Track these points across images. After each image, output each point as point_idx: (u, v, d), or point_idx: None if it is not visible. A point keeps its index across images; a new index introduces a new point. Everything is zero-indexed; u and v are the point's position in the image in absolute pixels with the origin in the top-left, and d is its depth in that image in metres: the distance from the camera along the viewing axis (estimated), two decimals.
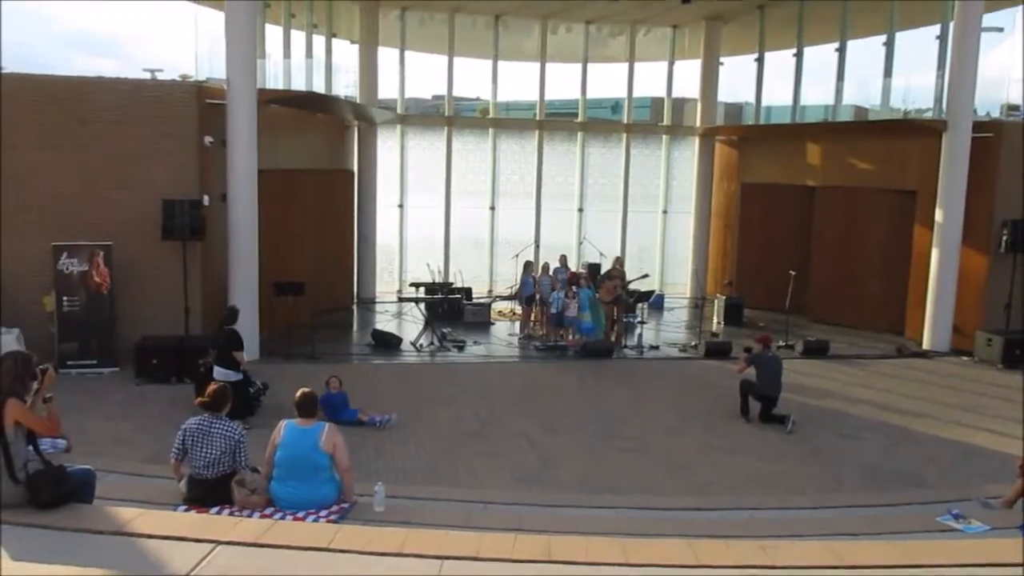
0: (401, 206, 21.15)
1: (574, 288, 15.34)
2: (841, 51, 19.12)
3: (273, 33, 17.85)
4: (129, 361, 12.55)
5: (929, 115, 17.03)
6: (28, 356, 5.19)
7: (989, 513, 7.06)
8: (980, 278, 15.77)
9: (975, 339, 15.45)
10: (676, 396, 13.01)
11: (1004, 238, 15.12)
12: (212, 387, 6.62)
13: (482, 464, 9.64)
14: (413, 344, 15.49)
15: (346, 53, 19.98)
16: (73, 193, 12.83)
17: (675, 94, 22.41)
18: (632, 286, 16.58)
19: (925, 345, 16.05)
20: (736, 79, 21.93)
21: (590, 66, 21.64)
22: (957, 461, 10.23)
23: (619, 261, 17.12)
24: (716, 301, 18.90)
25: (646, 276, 16.73)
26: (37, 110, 12.66)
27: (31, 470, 4.92)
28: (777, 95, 21.17)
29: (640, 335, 16.24)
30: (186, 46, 14.93)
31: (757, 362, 11.64)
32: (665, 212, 22.57)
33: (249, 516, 5.90)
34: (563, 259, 17.40)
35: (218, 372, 10.38)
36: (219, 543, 4.40)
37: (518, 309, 17.95)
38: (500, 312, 18.83)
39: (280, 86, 16.24)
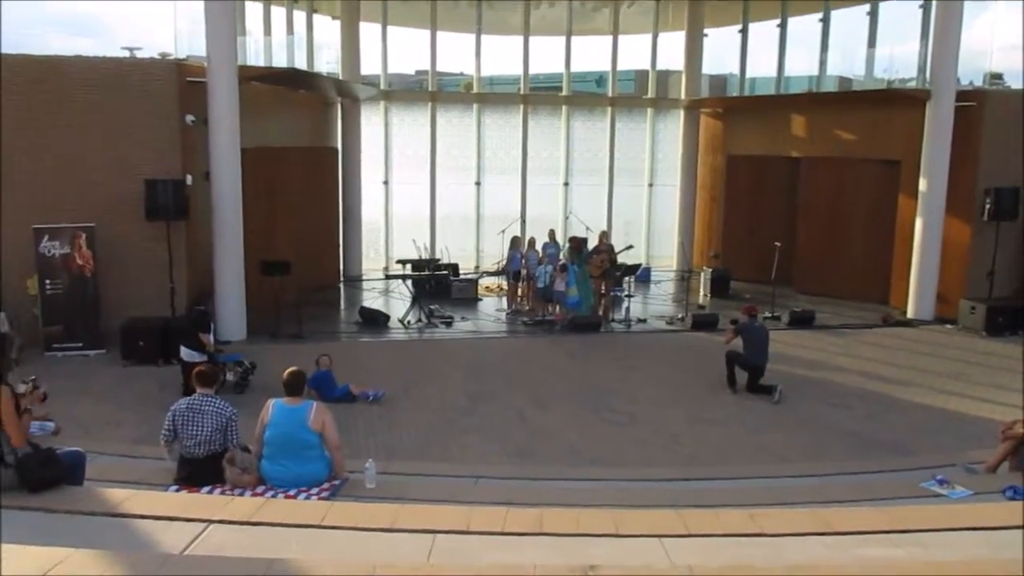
0: (386, 183, 21.01)
1: (561, 262, 15.31)
2: (825, 21, 19.05)
3: (253, 9, 17.60)
4: (115, 343, 12.47)
5: (913, 85, 17.03)
6: (8, 336, 5.19)
7: (973, 478, 7.17)
8: (964, 247, 15.86)
9: (959, 307, 15.59)
10: (664, 368, 13.08)
11: (987, 206, 15.20)
12: (203, 367, 6.65)
13: (472, 439, 9.67)
14: (401, 321, 15.47)
15: (328, 29, 19.75)
16: (53, 175, 12.66)
17: (659, 66, 22.21)
18: (619, 259, 16.57)
19: (910, 314, 16.17)
20: (720, 51, 21.88)
21: (574, 39, 21.40)
22: (941, 428, 10.36)
23: (605, 235, 17.10)
24: (702, 273, 18.97)
25: (631, 247, 16.73)
26: (14, 90, 12.44)
27: (20, 453, 4.91)
28: (761, 66, 21.10)
29: (627, 308, 16.28)
30: (165, 24, 14.71)
31: (744, 332, 11.70)
32: (651, 185, 22.50)
33: (241, 495, 5.91)
34: (552, 234, 17.36)
35: (184, 352, 10.33)
36: (211, 522, 4.41)
37: (505, 285, 17.95)
38: (487, 288, 18.79)
39: (261, 63, 16.04)
